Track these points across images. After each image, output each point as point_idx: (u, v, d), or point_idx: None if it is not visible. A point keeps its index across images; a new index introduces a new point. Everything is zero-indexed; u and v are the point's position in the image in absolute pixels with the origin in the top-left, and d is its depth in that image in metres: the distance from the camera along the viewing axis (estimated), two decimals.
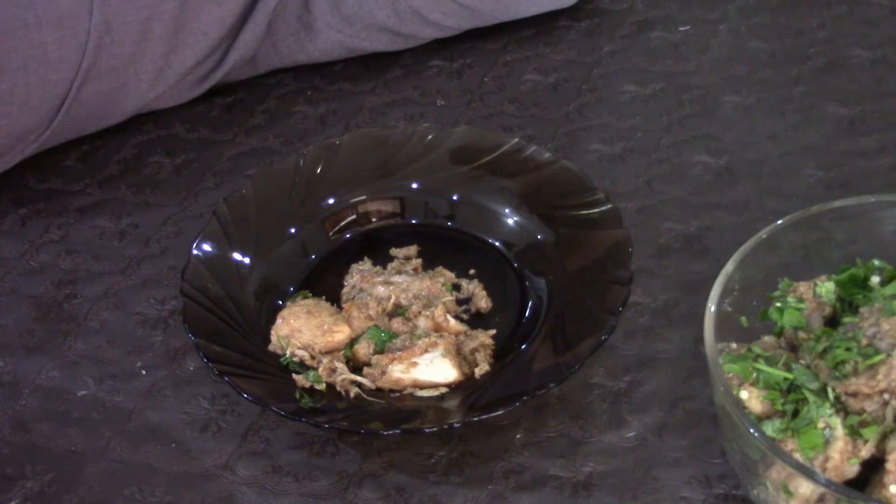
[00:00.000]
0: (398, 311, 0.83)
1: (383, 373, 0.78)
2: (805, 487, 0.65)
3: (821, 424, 0.67)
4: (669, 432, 0.77)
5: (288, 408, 0.75)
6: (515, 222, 0.89)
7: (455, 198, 0.91)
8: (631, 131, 1.00)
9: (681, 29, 1.10)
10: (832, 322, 0.73)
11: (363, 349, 0.80)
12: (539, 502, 0.74)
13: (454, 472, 0.76)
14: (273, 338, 0.81)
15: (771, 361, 0.70)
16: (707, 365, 0.69)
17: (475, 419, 0.74)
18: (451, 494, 0.75)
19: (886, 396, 0.66)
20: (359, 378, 0.78)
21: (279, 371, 0.79)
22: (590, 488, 0.75)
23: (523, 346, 0.81)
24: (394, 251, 0.89)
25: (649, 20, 1.11)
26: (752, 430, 0.65)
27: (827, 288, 0.74)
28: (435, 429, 0.74)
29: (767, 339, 0.73)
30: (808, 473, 0.64)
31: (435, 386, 0.78)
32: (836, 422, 0.67)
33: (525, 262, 0.87)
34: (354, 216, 0.91)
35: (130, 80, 0.96)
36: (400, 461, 0.77)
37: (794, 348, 0.72)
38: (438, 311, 0.81)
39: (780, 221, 0.76)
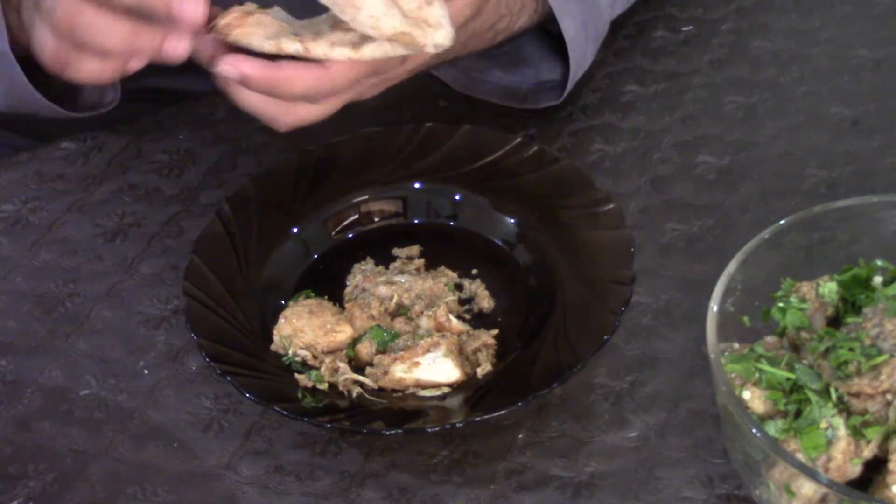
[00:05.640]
0: (400, 310, 0.83)
1: (385, 373, 0.78)
2: (807, 487, 0.65)
3: (823, 425, 0.67)
4: (672, 432, 0.77)
5: (290, 407, 0.75)
6: (518, 222, 0.89)
7: (457, 197, 0.91)
8: (633, 131, 1.00)
9: (683, 29, 1.10)
10: (835, 322, 0.73)
11: (365, 349, 0.80)
12: (541, 502, 0.74)
13: (456, 471, 0.76)
14: (275, 337, 0.81)
15: (773, 362, 0.70)
16: (709, 365, 0.69)
17: (477, 419, 0.74)
18: (453, 494, 0.75)
19: (889, 397, 0.66)
20: (361, 378, 0.78)
21: (281, 371, 0.79)
22: (592, 488, 0.75)
23: (525, 346, 0.81)
24: (396, 251, 0.89)
25: (651, 20, 1.11)
26: (754, 431, 0.65)
27: (829, 288, 0.73)
28: (437, 429, 0.74)
29: (770, 339, 0.73)
30: (811, 474, 0.64)
31: (437, 386, 0.78)
32: (839, 422, 0.67)
33: (527, 261, 0.87)
34: (357, 216, 0.91)
35: None
36: (402, 461, 0.77)
37: (796, 348, 0.72)
38: (441, 311, 0.81)
39: (782, 221, 0.76)
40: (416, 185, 0.92)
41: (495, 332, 0.82)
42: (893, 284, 0.72)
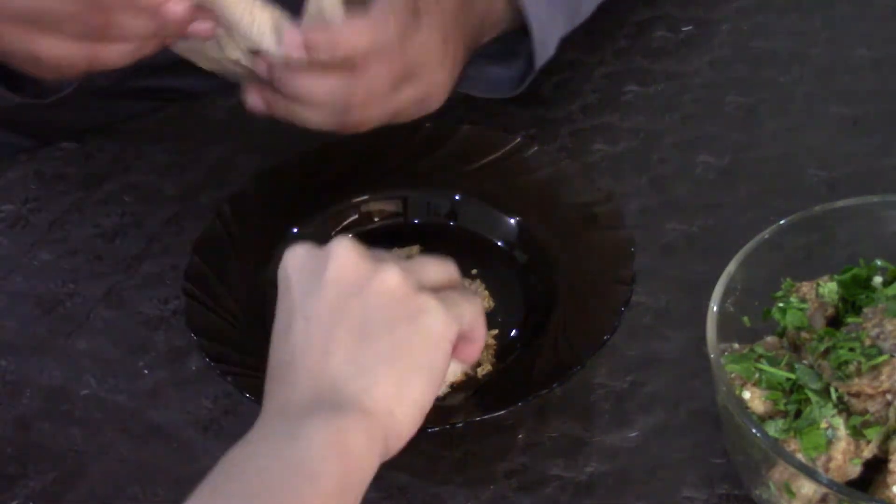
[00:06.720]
0: None
1: None
2: (807, 488, 0.65)
3: (823, 425, 0.67)
4: (672, 432, 0.77)
5: None
6: (517, 222, 0.89)
7: (457, 197, 0.91)
8: (633, 131, 1.00)
9: (683, 29, 1.10)
10: (835, 322, 0.73)
11: None
12: (541, 502, 0.74)
13: (456, 472, 0.76)
14: None
15: (773, 362, 0.70)
16: (709, 365, 0.69)
17: (477, 419, 0.74)
18: (452, 494, 0.75)
19: (889, 397, 0.66)
20: None
21: None
22: (592, 488, 0.75)
23: (525, 346, 0.81)
24: (396, 251, 0.89)
25: (651, 20, 1.11)
26: (754, 431, 0.65)
27: (829, 288, 0.73)
28: (437, 429, 0.74)
29: (770, 339, 0.73)
30: (811, 474, 0.64)
31: None
32: (839, 422, 0.67)
33: (527, 261, 0.87)
34: (357, 216, 0.91)
35: None
36: (402, 461, 0.76)
37: (796, 349, 0.72)
38: None
39: (782, 221, 0.76)
40: (416, 185, 0.92)
41: (495, 332, 0.82)
42: (893, 284, 0.72)
